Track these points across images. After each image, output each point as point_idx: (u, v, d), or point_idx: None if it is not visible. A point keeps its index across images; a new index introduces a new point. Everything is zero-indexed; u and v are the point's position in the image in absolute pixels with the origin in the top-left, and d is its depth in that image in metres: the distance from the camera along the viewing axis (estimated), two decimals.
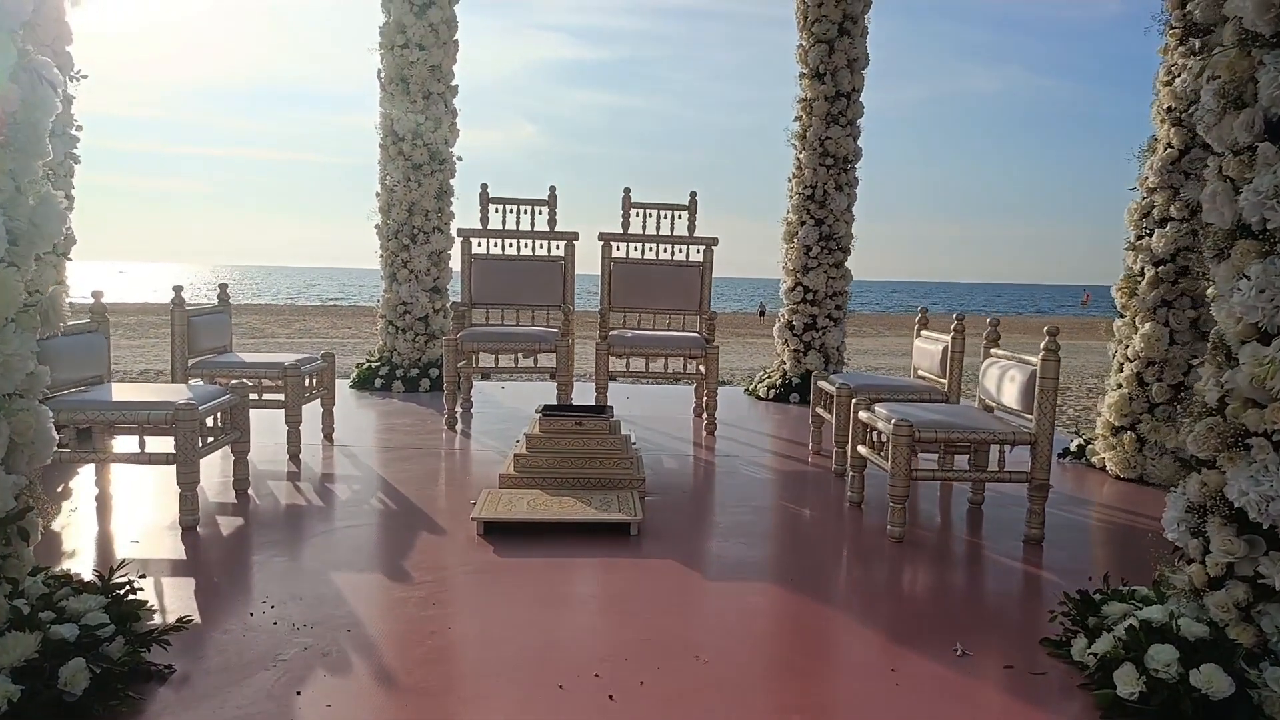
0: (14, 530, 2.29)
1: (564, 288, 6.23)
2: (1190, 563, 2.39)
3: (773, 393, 7.44)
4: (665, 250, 6.25)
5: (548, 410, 4.43)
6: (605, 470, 4.14)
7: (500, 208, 6.29)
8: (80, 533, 3.56)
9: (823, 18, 7.01)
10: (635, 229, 6.27)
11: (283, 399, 4.86)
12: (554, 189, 6.26)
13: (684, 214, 6.30)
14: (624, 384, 7.74)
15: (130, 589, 2.54)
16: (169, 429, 3.60)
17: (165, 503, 3.80)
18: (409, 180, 7.31)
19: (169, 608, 2.79)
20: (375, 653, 2.51)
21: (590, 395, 5.88)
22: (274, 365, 5.00)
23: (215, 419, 3.97)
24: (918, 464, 3.72)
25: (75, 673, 2.09)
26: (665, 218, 6.28)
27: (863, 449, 4.10)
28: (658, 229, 6.27)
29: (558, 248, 6.26)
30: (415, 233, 7.40)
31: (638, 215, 6.28)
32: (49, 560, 3.07)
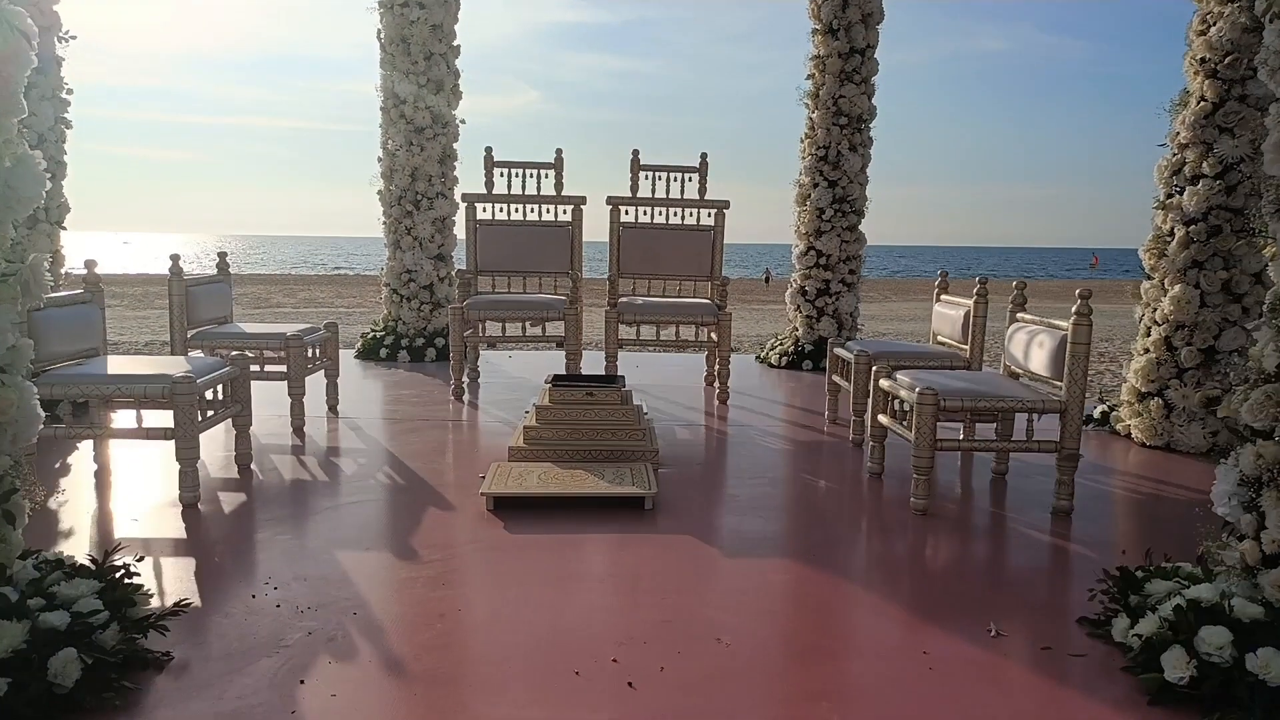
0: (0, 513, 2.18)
1: (571, 253, 6.07)
2: (1243, 539, 2.25)
3: (785, 360, 7.29)
4: (675, 214, 6.07)
5: (557, 380, 4.30)
6: (617, 442, 4.02)
7: (505, 172, 6.09)
8: (77, 511, 3.45)
9: None
10: (644, 193, 6.09)
11: (285, 370, 4.75)
12: (560, 151, 6.06)
13: (694, 176, 6.12)
14: (632, 352, 7.60)
15: (126, 572, 2.42)
16: (167, 403, 3.49)
17: (165, 479, 3.69)
18: (411, 144, 7.13)
19: (168, 590, 2.68)
20: (382, 637, 2.40)
21: (599, 364, 5.74)
22: (276, 336, 4.87)
23: (215, 392, 3.85)
24: (940, 433, 3.59)
25: (66, 663, 1.98)
26: (675, 180, 6.10)
27: (883, 418, 3.96)
28: (667, 192, 6.09)
29: (565, 212, 6.09)
30: (419, 199, 7.23)
31: (647, 178, 6.09)
32: (44, 541, 2.96)
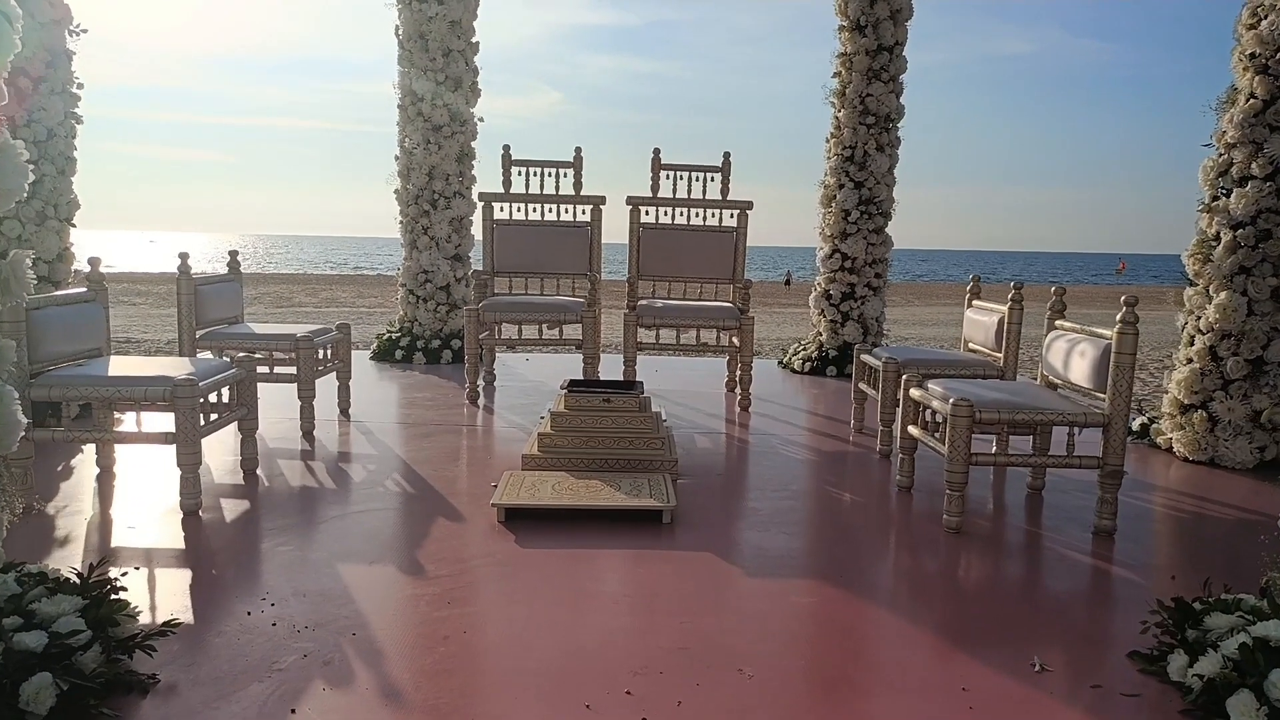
0: None
1: (590, 254, 5.92)
2: None
3: (808, 365, 7.10)
4: (697, 215, 5.90)
5: (574, 386, 4.14)
6: (635, 451, 3.86)
7: (524, 171, 5.95)
8: (74, 518, 3.33)
9: None
10: (665, 193, 5.93)
11: (295, 372, 4.63)
12: (579, 150, 5.91)
13: (716, 176, 5.95)
14: (652, 356, 7.43)
15: (113, 588, 2.29)
16: (168, 406, 3.37)
17: (168, 484, 3.56)
18: (429, 143, 7.01)
19: (160, 605, 2.55)
20: (381, 661, 2.25)
21: (617, 367, 5.58)
22: (285, 337, 4.75)
23: (220, 395, 3.73)
24: (973, 446, 3.40)
25: (39, 689, 1.85)
26: (697, 180, 5.93)
27: (914, 429, 3.78)
28: (689, 192, 5.93)
29: (584, 212, 5.94)
30: (436, 198, 7.11)
31: (668, 178, 5.93)
32: (35, 551, 2.85)
